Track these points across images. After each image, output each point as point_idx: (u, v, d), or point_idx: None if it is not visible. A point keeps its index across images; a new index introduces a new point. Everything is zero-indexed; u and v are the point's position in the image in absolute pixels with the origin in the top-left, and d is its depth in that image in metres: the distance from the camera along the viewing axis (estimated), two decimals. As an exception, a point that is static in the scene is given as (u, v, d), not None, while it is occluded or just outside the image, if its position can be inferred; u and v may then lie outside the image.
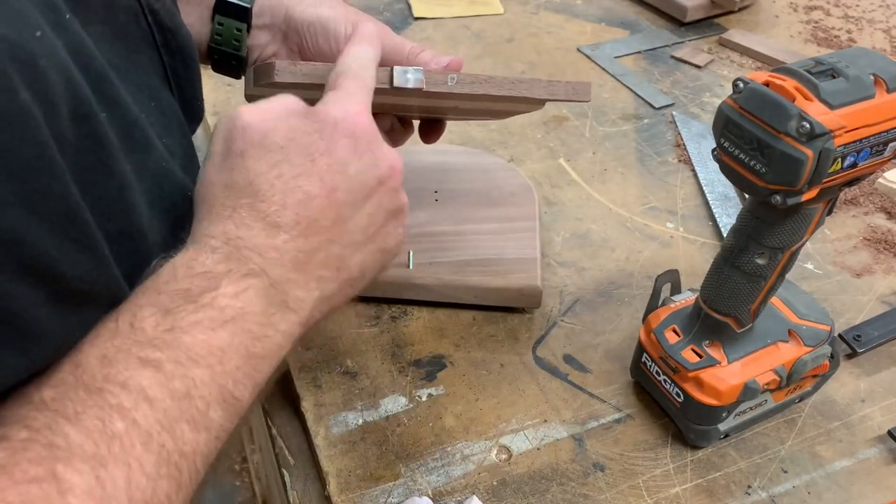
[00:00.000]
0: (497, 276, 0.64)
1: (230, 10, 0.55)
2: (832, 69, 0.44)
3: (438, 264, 0.65)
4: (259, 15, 0.56)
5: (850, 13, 1.15)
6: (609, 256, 0.73)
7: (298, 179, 0.39)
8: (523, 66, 1.00)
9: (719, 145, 0.47)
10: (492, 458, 0.56)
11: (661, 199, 0.80)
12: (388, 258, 0.45)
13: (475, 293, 0.64)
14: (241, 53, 0.57)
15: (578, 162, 0.84)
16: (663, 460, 0.56)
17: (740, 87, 0.45)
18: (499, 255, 0.66)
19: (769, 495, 0.54)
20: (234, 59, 0.57)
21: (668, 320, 0.57)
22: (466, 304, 0.65)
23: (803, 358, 0.54)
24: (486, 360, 0.62)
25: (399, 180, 0.44)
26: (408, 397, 0.59)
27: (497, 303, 0.65)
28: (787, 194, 0.44)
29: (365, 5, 1.12)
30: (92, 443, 0.29)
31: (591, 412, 0.59)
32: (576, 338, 0.65)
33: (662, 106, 0.94)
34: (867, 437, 0.58)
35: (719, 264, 0.52)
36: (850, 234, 0.76)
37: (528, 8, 1.14)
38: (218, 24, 0.56)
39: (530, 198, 0.72)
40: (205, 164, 0.41)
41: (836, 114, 0.42)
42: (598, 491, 0.54)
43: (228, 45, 0.57)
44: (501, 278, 0.64)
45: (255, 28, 0.57)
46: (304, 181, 0.39)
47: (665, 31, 1.09)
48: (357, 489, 0.53)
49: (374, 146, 0.42)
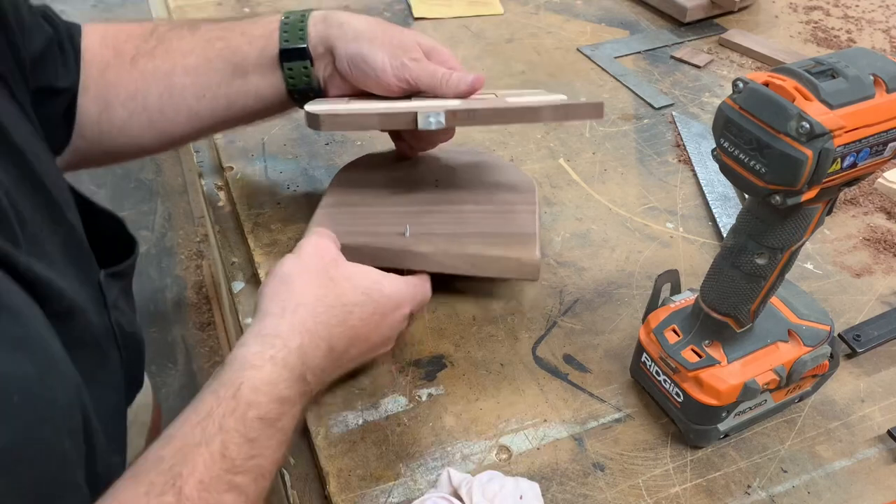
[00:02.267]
0: (495, 247, 0.63)
1: (293, 55, 0.65)
2: (832, 69, 0.44)
3: (436, 234, 0.64)
4: (314, 48, 0.65)
5: (850, 13, 1.15)
6: (609, 256, 0.73)
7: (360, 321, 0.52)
8: (523, 66, 1.00)
9: (719, 145, 0.47)
10: (492, 457, 0.56)
11: (661, 199, 0.80)
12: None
13: (473, 262, 0.63)
14: (315, 86, 0.67)
15: (578, 162, 0.84)
16: (663, 460, 0.56)
17: (740, 87, 0.45)
18: (497, 230, 0.65)
19: (769, 495, 0.54)
20: (312, 92, 0.67)
21: (668, 320, 0.57)
22: (463, 276, 0.64)
23: (803, 358, 0.54)
24: (486, 360, 0.62)
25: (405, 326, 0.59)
26: (408, 397, 0.59)
27: (495, 274, 0.64)
28: (787, 194, 0.44)
29: (365, 6, 1.13)
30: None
31: (591, 412, 0.59)
32: (576, 338, 0.65)
33: (662, 106, 0.94)
34: (867, 437, 0.58)
35: (719, 264, 0.52)
36: (849, 234, 0.76)
37: (528, 8, 1.14)
38: (288, 69, 0.65)
39: (531, 188, 0.72)
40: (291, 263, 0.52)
41: (835, 114, 0.42)
42: (597, 491, 0.54)
43: (302, 83, 0.66)
44: (500, 248, 0.63)
45: (315, 59, 0.65)
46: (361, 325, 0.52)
47: (665, 32, 1.10)
48: (357, 489, 0.53)
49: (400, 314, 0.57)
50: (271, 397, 0.44)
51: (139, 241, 0.62)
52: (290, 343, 0.46)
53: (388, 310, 0.55)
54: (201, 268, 1.92)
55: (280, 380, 0.45)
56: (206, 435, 0.41)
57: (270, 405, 0.43)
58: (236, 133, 0.85)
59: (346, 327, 0.50)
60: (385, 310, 0.55)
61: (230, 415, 0.42)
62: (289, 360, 0.46)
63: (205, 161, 0.86)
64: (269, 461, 0.43)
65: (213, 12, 1.09)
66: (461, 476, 0.51)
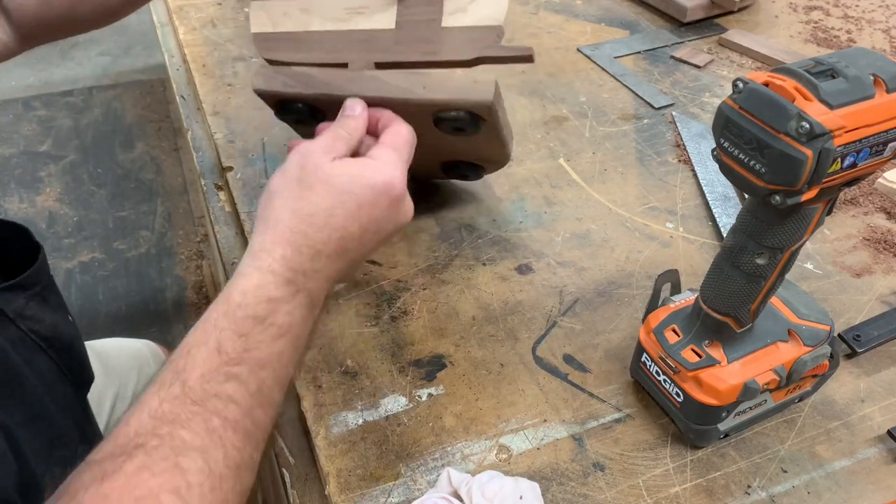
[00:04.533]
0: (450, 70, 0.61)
1: None
2: (832, 69, 0.44)
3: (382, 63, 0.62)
4: None
5: (850, 13, 1.15)
6: (609, 256, 0.73)
7: (346, 221, 0.51)
8: (523, 66, 1.00)
9: (719, 145, 0.47)
10: (492, 457, 0.56)
11: (661, 199, 0.80)
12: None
13: (424, 83, 0.60)
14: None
15: (578, 162, 0.84)
16: (663, 460, 0.56)
17: (740, 87, 0.45)
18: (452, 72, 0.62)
19: (769, 495, 0.54)
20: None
21: (668, 320, 0.57)
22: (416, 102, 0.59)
23: (803, 358, 0.54)
24: (486, 359, 0.62)
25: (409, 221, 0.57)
26: (408, 397, 0.59)
27: (449, 94, 0.59)
28: (787, 194, 0.44)
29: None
30: (200, 438, 0.42)
31: (591, 412, 0.59)
32: (576, 338, 0.65)
33: (662, 106, 0.94)
34: (867, 437, 0.58)
35: (719, 264, 0.52)
36: (849, 234, 0.76)
37: (528, 8, 1.14)
38: None
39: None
40: (276, 179, 0.52)
41: (835, 114, 0.42)
42: (597, 491, 0.54)
43: None
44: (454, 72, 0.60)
45: None
46: (349, 223, 0.51)
47: (665, 32, 1.09)
48: (357, 489, 0.53)
49: (401, 203, 0.54)
50: (259, 298, 0.47)
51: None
52: (274, 254, 0.49)
53: (377, 197, 0.53)
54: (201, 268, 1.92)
55: (266, 283, 0.48)
56: (205, 336, 0.46)
57: (259, 305, 0.47)
58: (236, 133, 0.85)
59: (330, 230, 0.51)
60: (373, 199, 0.53)
61: (223, 316, 0.47)
62: (273, 267, 0.49)
63: (205, 161, 0.86)
64: (266, 353, 0.47)
65: (213, 12, 1.09)
66: (461, 476, 0.51)
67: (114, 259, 1.93)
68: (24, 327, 0.60)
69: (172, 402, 0.43)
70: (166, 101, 2.43)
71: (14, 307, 0.60)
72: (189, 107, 0.96)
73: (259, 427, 0.46)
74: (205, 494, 0.41)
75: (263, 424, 0.47)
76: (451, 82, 0.60)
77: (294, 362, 0.50)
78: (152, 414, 0.42)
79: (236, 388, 0.45)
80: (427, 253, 0.72)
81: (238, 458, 0.44)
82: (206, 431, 0.43)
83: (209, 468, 0.42)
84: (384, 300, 0.67)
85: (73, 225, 2.01)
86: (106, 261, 1.93)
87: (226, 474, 0.43)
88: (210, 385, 0.44)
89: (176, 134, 2.30)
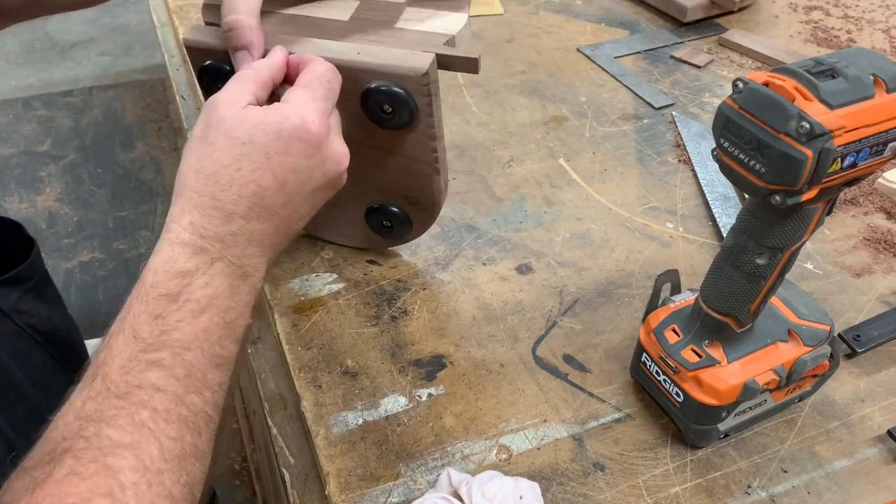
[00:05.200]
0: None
1: None
2: (832, 69, 0.44)
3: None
4: None
5: (850, 13, 1.15)
6: (609, 256, 0.73)
7: (255, 174, 0.46)
8: (523, 66, 1.00)
9: (719, 145, 0.47)
10: (492, 457, 0.56)
11: (661, 199, 0.80)
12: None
13: (360, 49, 0.56)
14: None
15: (578, 162, 0.84)
16: (663, 460, 0.56)
17: (740, 87, 0.45)
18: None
19: (769, 495, 0.54)
20: None
21: (668, 320, 0.57)
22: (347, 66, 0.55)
23: (803, 358, 0.54)
24: (486, 359, 0.62)
25: (343, 172, 0.52)
26: (408, 397, 0.59)
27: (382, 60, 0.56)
28: (787, 194, 0.44)
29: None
30: (128, 434, 0.39)
31: (591, 412, 0.59)
32: (576, 337, 0.65)
33: (662, 106, 0.94)
34: (867, 437, 0.58)
35: (719, 264, 0.52)
36: (849, 234, 0.76)
37: (528, 8, 1.14)
38: None
39: None
40: (187, 144, 0.48)
41: (835, 114, 0.42)
42: (598, 491, 0.54)
43: None
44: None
45: None
46: (259, 175, 0.46)
47: (665, 32, 1.09)
48: (357, 489, 0.53)
49: (324, 148, 0.49)
50: (171, 274, 0.44)
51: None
52: (182, 222, 0.45)
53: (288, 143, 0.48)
54: (201, 268, 1.92)
55: (177, 256, 0.44)
56: (121, 323, 0.43)
57: (170, 281, 0.44)
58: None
59: (238, 187, 0.46)
60: (284, 146, 0.47)
61: (137, 300, 0.44)
62: (182, 237, 0.45)
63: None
64: (187, 333, 0.43)
65: (213, 12, 1.09)
66: (461, 476, 0.51)
67: (114, 259, 1.94)
68: (20, 322, 0.59)
69: (96, 400, 0.40)
70: (166, 101, 2.43)
71: (8, 301, 0.59)
72: (189, 107, 0.96)
73: (197, 413, 0.43)
74: (142, 492, 0.38)
75: (202, 410, 0.43)
76: (387, 52, 0.57)
77: (231, 338, 0.46)
78: (77, 414, 0.40)
79: (160, 376, 0.42)
80: (427, 253, 0.72)
81: (177, 448, 0.41)
82: (135, 426, 0.40)
83: (143, 465, 0.39)
84: (384, 300, 0.67)
85: (73, 225, 2.01)
86: (106, 261, 1.93)
87: (165, 468, 0.40)
88: (131, 376, 0.41)
89: (176, 134, 2.30)
